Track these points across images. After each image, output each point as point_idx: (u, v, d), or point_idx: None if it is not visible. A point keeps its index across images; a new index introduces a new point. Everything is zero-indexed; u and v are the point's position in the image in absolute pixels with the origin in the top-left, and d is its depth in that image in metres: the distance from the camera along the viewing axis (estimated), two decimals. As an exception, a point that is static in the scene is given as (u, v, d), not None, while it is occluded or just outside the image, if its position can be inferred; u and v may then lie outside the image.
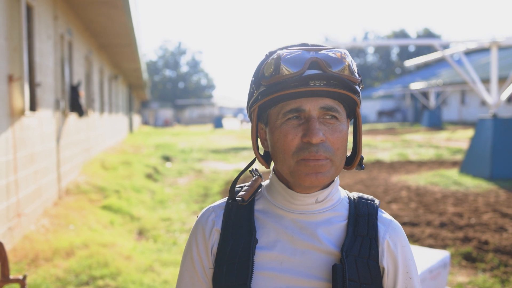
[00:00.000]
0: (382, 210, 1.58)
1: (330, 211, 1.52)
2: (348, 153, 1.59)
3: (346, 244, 1.45)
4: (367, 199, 1.57)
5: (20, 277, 3.49)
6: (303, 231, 1.49)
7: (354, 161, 1.55)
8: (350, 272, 1.40)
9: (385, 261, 1.48)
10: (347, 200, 1.57)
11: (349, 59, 1.43)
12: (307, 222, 1.49)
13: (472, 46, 15.19)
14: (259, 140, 1.59)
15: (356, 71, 1.45)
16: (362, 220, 1.51)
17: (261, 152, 1.60)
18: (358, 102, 1.47)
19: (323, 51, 1.43)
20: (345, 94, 1.43)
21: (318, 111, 1.42)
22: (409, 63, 20.72)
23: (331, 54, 1.42)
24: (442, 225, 8.30)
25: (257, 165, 14.43)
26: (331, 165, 1.42)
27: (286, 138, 1.43)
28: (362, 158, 1.56)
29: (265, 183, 1.64)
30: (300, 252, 1.47)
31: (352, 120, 1.54)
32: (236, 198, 1.57)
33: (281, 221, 1.52)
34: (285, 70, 1.41)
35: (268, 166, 1.58)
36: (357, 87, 1.45)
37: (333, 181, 1.54)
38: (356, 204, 1.55)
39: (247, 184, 1.61)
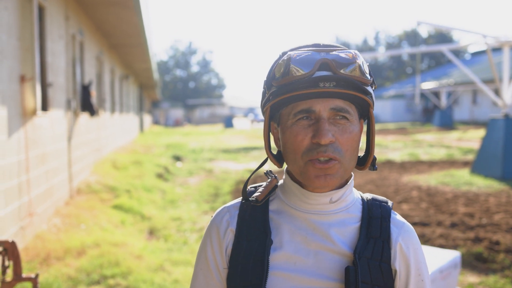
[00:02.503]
0: (395, 212, 1.57)
1: (343, 212, 1.52)
2: (361, 153, 1.60)
3: (359, 246, 1.45)
4: (380, 201, 1.57)
5: (33, 275, 3.52)
6: (316, 232, 1.49)
7: (366, 161, 1.55)
8: (362, 274, 1.41)
9: (397, 264, 1.48)
10: (361, 202, 1.57)
11: (360, 60, 1.43)
12: (321, 223, 1.50)
13: (484, 45, 15.10)
14: (272, 139, 1.60)
15: (368, 72, 1.45)
16: (375, 222, 1.51)
17: (275, 152, 1.61)
18: (371, 103, 1.47)
19: (334, 52, 1.43)
20: (356, 95, 1.43)
21: (328, 112, 1.42)
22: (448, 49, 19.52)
23: (342, 55, 1.42)
24: (453, 225, 8.28)
25: (270, 165, 14.41)
26: (339, 166, 1.43)
27: (296, 139, 1.44)
28: (375, 159, 1.56)
29: (279, 183, 1.63)
30: (314, 253, 1.47)
31: (368, 120, 1.54)
32: (250, 199, 1.57)
33: (295, 221, 1.52)
34: (295, 71, 1.41)
35: (280, 166, 1.59)
36: (368, 88, 1.45)
37: (348, 182, 1.55)
38: (370, 206, 1.55)
39: (263, 185, 1.61)
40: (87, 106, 11.39)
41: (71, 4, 10.29)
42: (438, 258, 4.65)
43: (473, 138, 27.22)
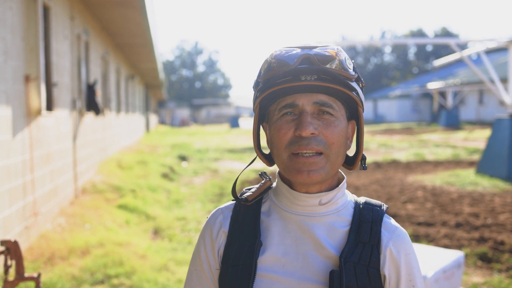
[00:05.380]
0: (389, 217, 1.57)
1: (333, 215, 1.52)
2: (352, 154, 1.60)
3: (346, 250, 1.44)
4: (373, 205, 1.56)
5: (35, 275, 3.53)
6: (306, 235, 1.49)
7: (355, 160, 1.56)
8: (348, 278, 1.40)
9: (387, 269, 1.47)
10: (353, 205, 1.57)
11: (342, 56, 1.45)
12: (311, 225, 1.50)
13: (490, 45, 15.07)
14: (265, 140, 1.62)
15: (352, 67, 1.46)
16: (365, 226, 1.50)
17: (267, 152, 1.63)
18: (357, 100, 1.48)
19: (316, 49, 1.45)
20: (342, 92, 1.45)
21: (311, 106, 1.44)
22: (438, 62, 20.40)
23: (323, 51, 1.44)
24: (458, 225, 8.26)
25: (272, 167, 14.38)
26: (325, 161, 1.44)
27: (279, 133, 1.46)
28: (364, 158, 1.57)
29: (273, 185, 1.64)
30: (303, 255, 1.48)
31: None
32: (240, 198, 1.58)
33: (285, 223, 1.52)
34: (277, 66, 1.45)
35: (270, 164, 1.61)
36: (353, 84, 1.46)
37: (339, 184, 1.55)
38: (361, 209, 1.54)
39: (256, 185, 1.63)
40: (92, 105, 11.40)
41: (76, 4, 10.31)
42: (442, 258, 4.64)
43: (479, 138, 27.14)
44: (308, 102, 1.44)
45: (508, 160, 13.03)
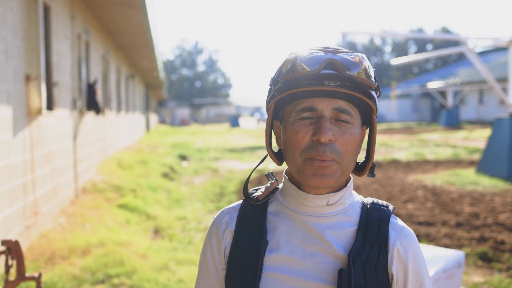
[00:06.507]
0: (396, 217, 1.57)
1: (341, 215, 1.52)
2: (360, 160, 1.61)
3: (354, 249, 1.44)
4: (380, 205, 1.57)
5: (36, 275, 3.54)
6: (312, 234, 1.49)
7: (365, 167, 1.56)
8: (356, 277, 1.40)
9: (395, 268, 1.47)
10: (360, 205, 1.57)
11: (366, 63, 1.44)
12: (317, 225, 1.50)
13: (491, 44, 15.09)
14: (274, 138, 1.61)
15: (373, 76, 1.46)
16: (372, 226, 1.50)
17: (276, 150, 1.63)
18: (374, 109, 1.48)
19: (341, 54, 1.44)
20: (360, 98, 1.44)
21: (330, 112, 1.43)
22: (395, 61, 20.66)
23: (348, 57, 1.43)
24: (458, 225, 8.26)
25: (273, 166, 14.40)
26: (337, 167, 1.43)
27: (296, 136, 1.45)
28: (374, 165, 1.57)
29: (279, 186, 1.65)
30: (310, 255, 1.48)
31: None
32: (251, 197, 1.59)
33: (292, 223, 1.53)
34: (301, 68, 1.43)
35: (279, 163, 1.60)
36: (373, 92, 1.47)
37: (346, 185, 1.55)
38: (369, 209, 1.55)
39: (263, 186, 1.63)
40: (92, 104, 11.41)
41: (76, 3, 10.31)
42: (442, 257, 4.64)
43: (479, 137, 27.13)
44: (328, 107, 1.43)
45: (508, 160, 13.03)
